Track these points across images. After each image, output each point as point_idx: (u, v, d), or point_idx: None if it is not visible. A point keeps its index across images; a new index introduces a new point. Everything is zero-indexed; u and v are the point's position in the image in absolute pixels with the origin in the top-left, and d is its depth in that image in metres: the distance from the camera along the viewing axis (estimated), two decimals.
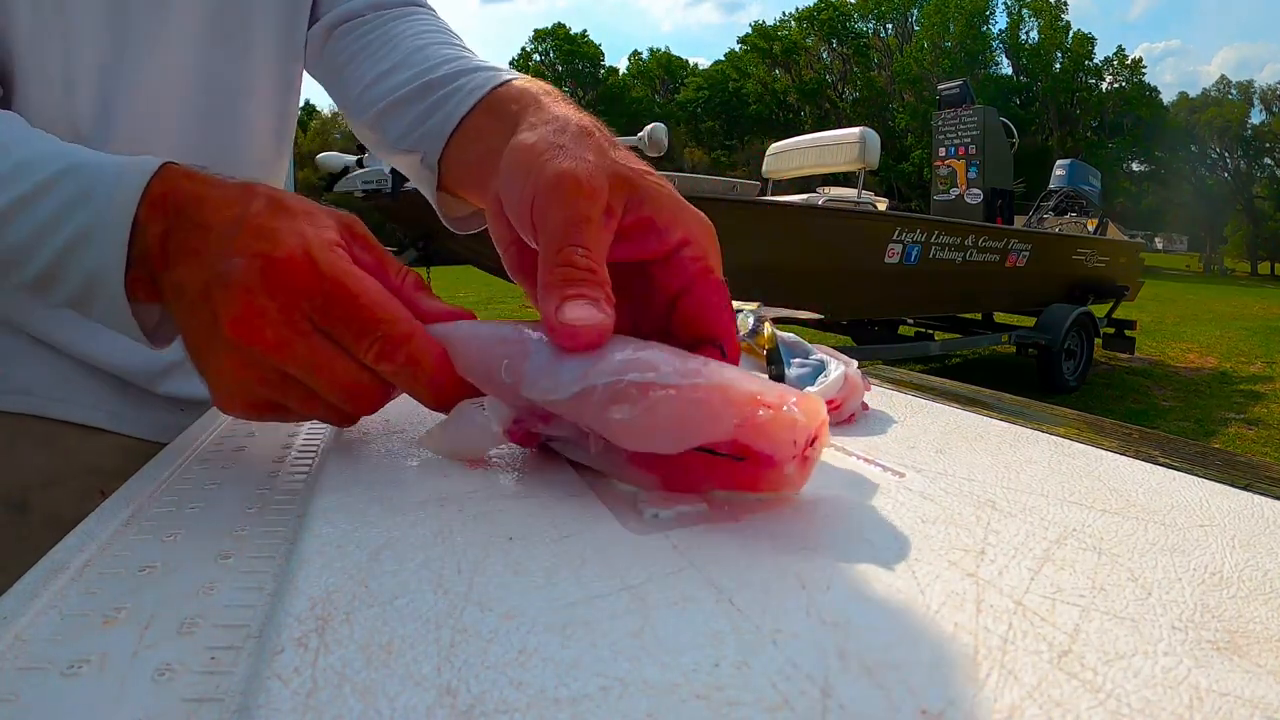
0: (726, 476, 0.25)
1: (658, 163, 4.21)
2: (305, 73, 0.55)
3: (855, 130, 5.22)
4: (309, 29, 0.53)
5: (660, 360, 0.25)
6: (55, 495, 0.45)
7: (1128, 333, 5.87)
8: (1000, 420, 0.37)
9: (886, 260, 4.25)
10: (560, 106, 0.36)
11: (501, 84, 0.41)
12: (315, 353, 0.27)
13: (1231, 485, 0.28)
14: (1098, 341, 5.58)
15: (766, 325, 0.41)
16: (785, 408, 0.24)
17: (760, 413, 0.23)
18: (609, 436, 0.25)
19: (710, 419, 0.24)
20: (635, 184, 0.30)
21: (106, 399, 0.48)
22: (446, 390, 0.29)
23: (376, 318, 0.28)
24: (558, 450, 0.29)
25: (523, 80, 0.41)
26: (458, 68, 0.45)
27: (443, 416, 0.30)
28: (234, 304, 0.27)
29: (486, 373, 0.29)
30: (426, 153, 0.43)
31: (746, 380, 0.24)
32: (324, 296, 0.27)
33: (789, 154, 5.75)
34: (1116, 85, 33.85)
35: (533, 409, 0.28)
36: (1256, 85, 36.47)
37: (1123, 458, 0.30)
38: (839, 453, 0.31)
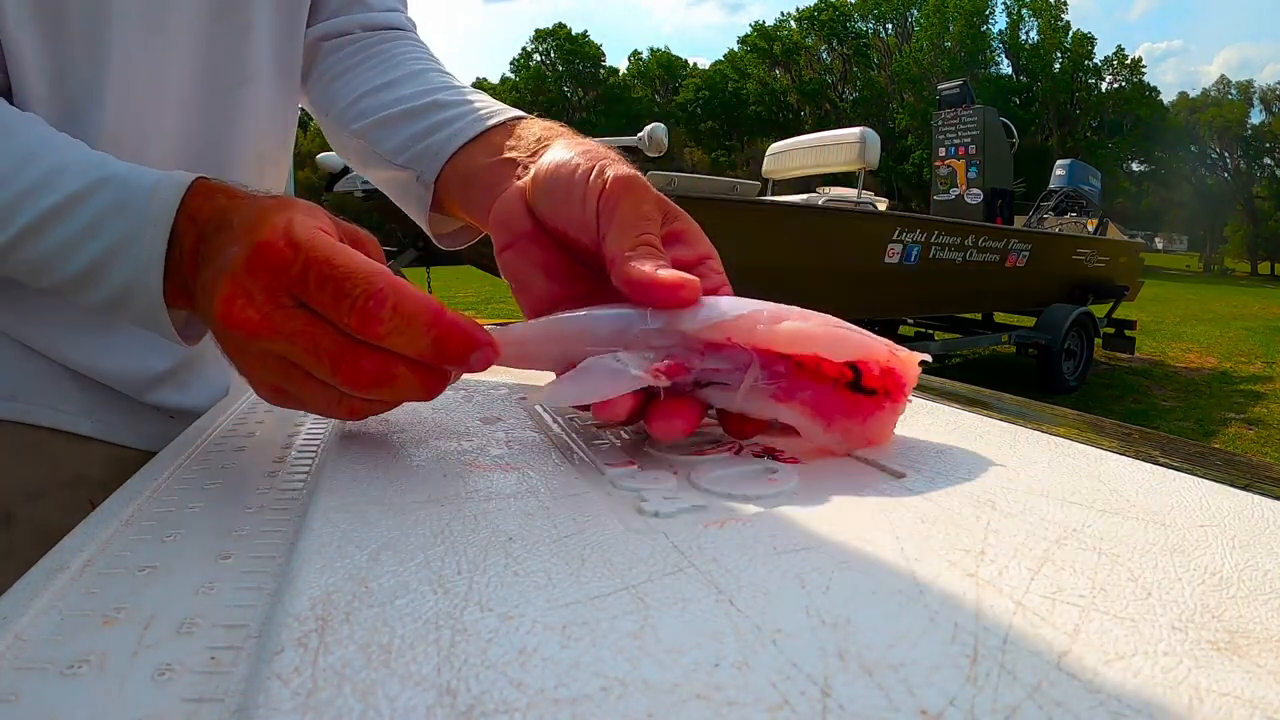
0: (854, 408, 0.29)
1: (658, 162, 4.21)
2: None
3: (855, 130, 5.22)
4: None
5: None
6: (42, 507, 0.43)
7: (1128, 333, 5.87)
8: (1000, 420, 0.37)
9: (886, 260, 4.24)
10: (583, 140, 0.38)
11: (515, 118, 0.43)
12: (297, 325, 0.27)
13: (1231, 485, 0.28)
14: (1098, 341, 5.58)
15: None
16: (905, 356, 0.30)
17: (899, 351, 0.29)
18: (776, 344, 0.28)
19: (865, 340, 0.29)
20: (668, 202, 0.34)
21: (95, 406, 0.46)
22: (450, 347, 0.27)
23: (352, 276, 0.26)
24: (701, 397, 0.30)
25: (535, 119, 0.43)
26: (463, 96, 0.46)
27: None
28: (221, 290, 0.27)
29: (611, 331, 0.30)
30: (423, 171, 0.43)
31: None
32: (301, 268, 0.26)
33: (789, 154, 5.75)
34: (1116, 85, 33.84)
35: (687, 343, 0.29)
36: (1256, 85, 36.48)
37: (1123, 458, 0.30)
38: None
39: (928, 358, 0.30)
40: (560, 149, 0.36)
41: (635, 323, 0.30)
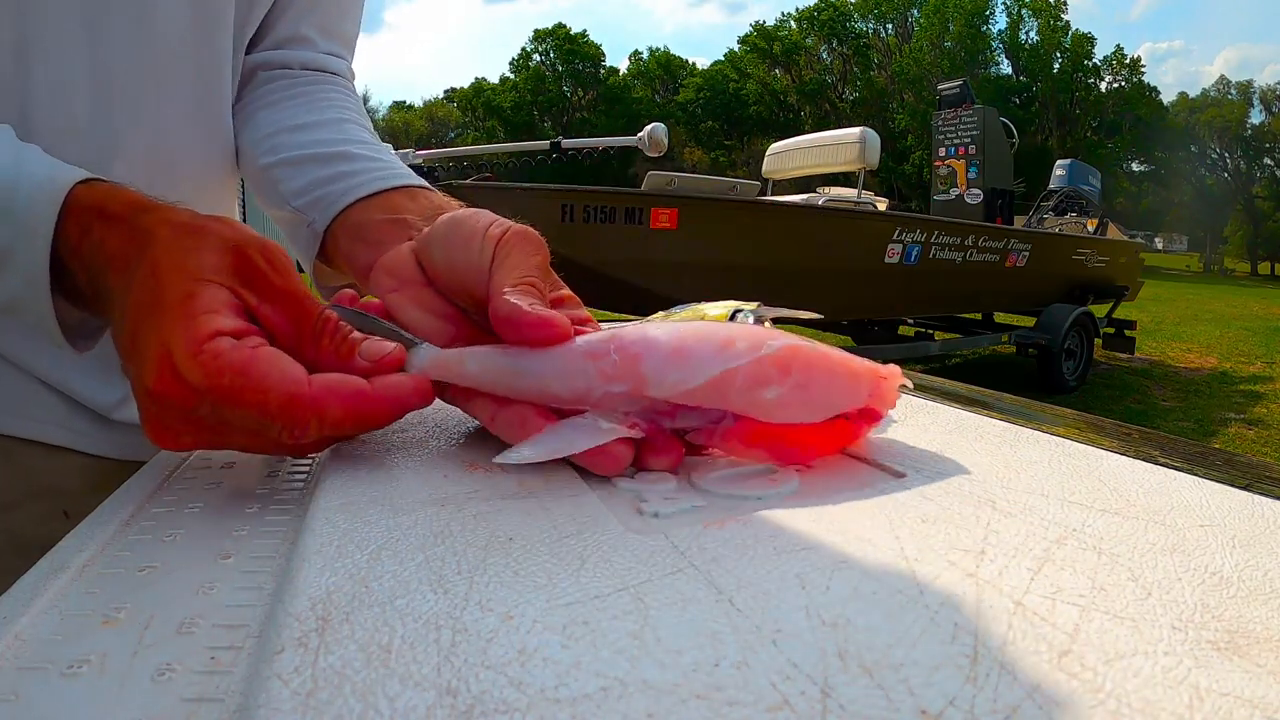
0: (829, 437, 0.29)
1: (658, 162, 4.21)
2: None
3: (855, 130, 5.22)
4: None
5: (757, 334, 0.28)
6: (16, 517, 0.42)
7: (1128, 333, 5.87)
8: (1000, 420, 0.37)
9: (886, 260, 4.25)
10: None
11: (419, 185, 0.43)
12: (232, 439, 0.27)
13: (1231, 485, 0.28)
14: (1098, 341, 5.58)
15: (766, 325, 0.41)
16: (888, 368, 0.29)
17: (882, 383, 0.29)
18: (758, 414, 0.27)
19: (849, 389, 0.28)
20: (555, 274, 0.34)
21: (68, 416, 0.45)
22: (380, 418, 0.29)
23: (265, 408, 0.26)
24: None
25: (438, 193, 0.43)
26: (374, 152, 0.46)
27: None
28: (144, 418, 0.27)
29: (571, 392, 0.28)
30: (315, 219, 0.43)
31: (837, 351, 0.29)
32: (210, 404, 0.26)
33: (789, 154, 5.75)
34: (1116, 85, 33.84)
35: (655, 407, 0.28)
36: (1256, 85, 36.50)
37: (1123, 458, 0.30)
38: (839, 453, 0.31)
39: (909, 384, 0.30)
40: (459, 211, 0.36)
41: (596, 385, 0.28)
